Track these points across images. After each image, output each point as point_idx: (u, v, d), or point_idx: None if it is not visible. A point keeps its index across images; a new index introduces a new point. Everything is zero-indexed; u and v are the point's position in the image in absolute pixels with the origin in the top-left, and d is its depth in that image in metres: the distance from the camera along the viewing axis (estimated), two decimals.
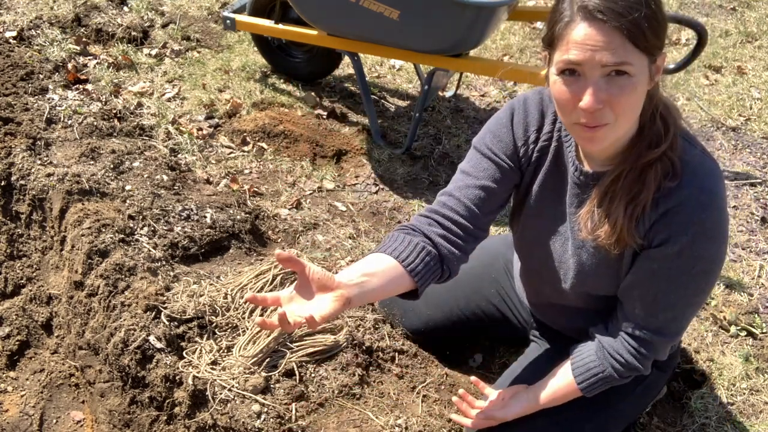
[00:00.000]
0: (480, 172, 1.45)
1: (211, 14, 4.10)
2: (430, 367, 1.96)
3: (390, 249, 1.34)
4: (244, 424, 1.68)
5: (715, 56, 3.87)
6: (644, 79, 1.18)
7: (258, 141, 3.02)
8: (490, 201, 1.45)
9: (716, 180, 1.26)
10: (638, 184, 1.27)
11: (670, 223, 1.26)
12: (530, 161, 1.46)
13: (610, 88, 1.16)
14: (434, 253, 1.38)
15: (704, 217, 1.24)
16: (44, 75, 3.12)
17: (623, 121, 1.22)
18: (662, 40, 1.18)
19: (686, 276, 1.30)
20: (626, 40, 1.13)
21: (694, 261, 1.28)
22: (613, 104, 1.18)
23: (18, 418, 2.21)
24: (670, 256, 1.28)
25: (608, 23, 1.12)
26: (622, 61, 1.14)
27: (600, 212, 1.32)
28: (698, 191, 1.24)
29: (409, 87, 3.59)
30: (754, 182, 2.93)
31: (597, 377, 1.44)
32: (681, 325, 1.39)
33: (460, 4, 2.43)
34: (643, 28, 1.13)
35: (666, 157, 1.25)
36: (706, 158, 1.29)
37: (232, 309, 1.95)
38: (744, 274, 2.47)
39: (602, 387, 1.47)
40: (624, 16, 1.12)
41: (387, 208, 2.72)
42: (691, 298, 1.34)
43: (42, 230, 2.48)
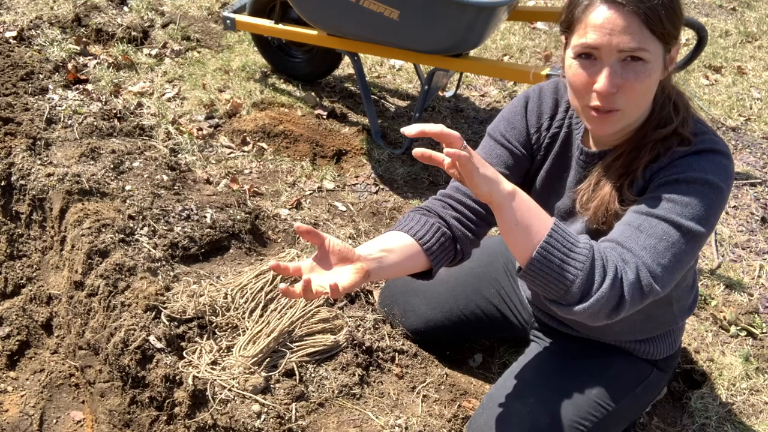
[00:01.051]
0: (493, 158, 1.46)
1: (211, 14, 4.10)
2: (430, 367, 1.96)
3: (407, 228, 1.35)
4: (244, 424, 1.68)
5: (715, 56, 3.87)
6: (658, 66, 1.21)
7: (258, 141, 3.02)
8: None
9: (723, 152, 1.27)
10: (635, 159, 1.30)
11: (671, 167, 1.27)
12: (541, 148, 1.49)
13: (625, 73, 1.19)
14: (448, 234, 1.39)
15: (705, 165, 1.24)
16: (44, 75, 3.12)
17: (634, 107, 1.24)
18: (678, 29, 1.20)
19: (674, 214, 1.22)
20: (644, 26, 1.16)
21: (687, 198, 1.22)
22: (627, 89, 1.20)
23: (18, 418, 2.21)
24: (662, 183, 1.26)
25: (627, 7, 1.15)
26: (639, 46, 1.16)
27: (595, 186, 1.35)
28: (705, 152, 1.26)
29: (409, 87, 3.59)
30: (754, 182, 2.93)
31: (566, 247, 1.18)
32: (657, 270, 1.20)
33: (460, 4, 2.43)
34: (661, 15, 1.15)
35: (676, 134, 1.28)
36: (715, 137, 1.31)
37: (232, 309, 1.95)
38: (744, 274, 2.47)
39: (549, 270, 1.17)
40: (643, 1, 1.15)
41: (387, 208, 2.72)
42: (674, 241, 1.21)
43: (42, 230, 2.48)
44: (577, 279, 1.16)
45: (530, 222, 1.17)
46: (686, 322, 2.22)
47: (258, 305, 1.96)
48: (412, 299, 1.95)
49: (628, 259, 1.20)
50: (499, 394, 1.64)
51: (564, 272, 1.17)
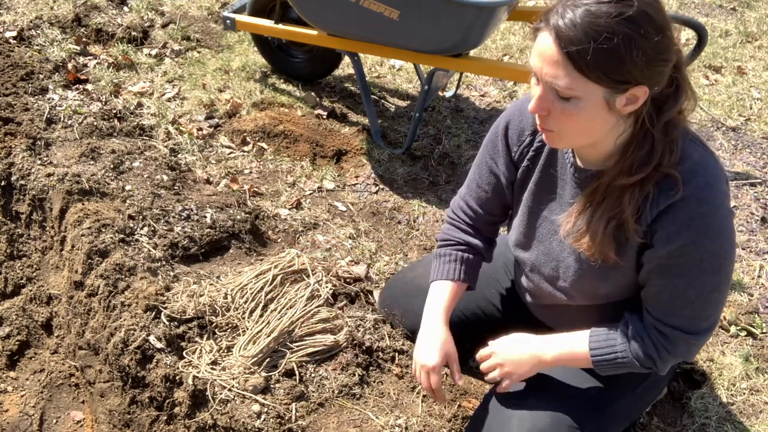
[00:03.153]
0: (484, 183, 1.64)
1: (211, 14, 4.10)
2: None
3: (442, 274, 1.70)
4: (244, 424, 1.68)
5: (715, 56, 3.88)
6: (594, 106, 1.19)
7: (258, 141, 3.02)
8: (503, 203, 1.65)
9: (717, 177, 1.26)
10: (617, 204, 1.29)
11: (671, 219, 1.26)
12: (524, 160, 1.52)
13: (555, 103, 1.21)
14: (470, 257, 1.69)
15: (705, 211, 1.24)
16: (44, 75, 3.12)
17: (570, 135, 1.27)
18: (632, 74, 1.15)
19: (696, 270, 1.29)
20: (571, 66, 1.15)
21: (701, 256, 1.27)
22: (556, 119, 1.24)
23: (18, 418, 2.21)
24: (676, 253, 1.28)
25: (562, 42, 1.14)
26: (564, 84, 1.17)
27: (582, 222, 1.35)
28: (698, 188, 1.24)
29: (409, 87, 3.59)
30: (754, 182, 2.94)
31: (613, 353, 1.42)
32: (702, 324, 1.36)
33: (460, 5, 2.43)
34: (595, 60, 1.13)
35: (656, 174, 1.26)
36: (708, 156, 1.29)
37: (232, 309, 1.95)
38: (744, 274, 2.47)
39: (613, 366, 1.44)
40: (574, 44, 1.13)
41: (387, 208, 2.72)
42: (707, 294, 1.32)
43: (42, 230, 2.48)
44: (634, 365, 1.42)
45: (564, 353, 1.50)
46: None
47: (258, 305, 1.96)
48: (412, 300, 1.95)
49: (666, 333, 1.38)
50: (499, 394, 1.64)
51: (624, 367, 1.44)
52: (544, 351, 1.51)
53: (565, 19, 1.14)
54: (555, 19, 1.16)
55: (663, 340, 1.38)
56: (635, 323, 1.42)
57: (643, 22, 1.12)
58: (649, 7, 1.14)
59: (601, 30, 1.11)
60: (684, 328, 1.36)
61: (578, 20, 1.13)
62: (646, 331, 1.40)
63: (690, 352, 1.41)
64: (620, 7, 1.12)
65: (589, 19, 1.12)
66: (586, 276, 1.45)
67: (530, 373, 1.55)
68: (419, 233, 2.60)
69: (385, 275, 2.33)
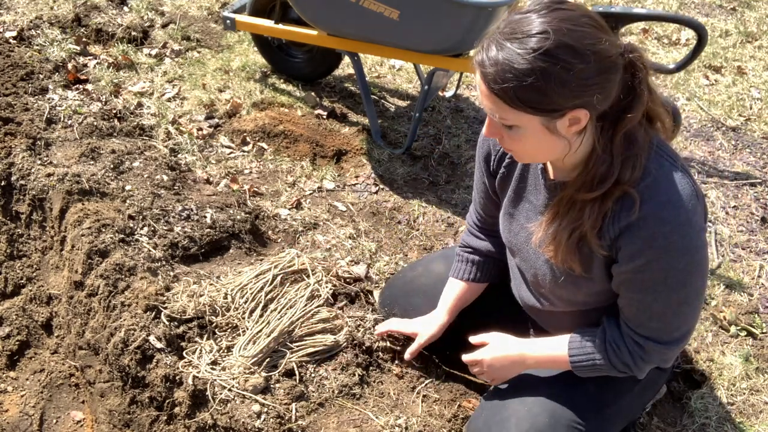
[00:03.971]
0: (481, 192, 1.72)
1: (211, 14, 4.10)
2: (430, 367, 1.96)
3: (457, 274, 1.82)
4: (244, 424, 1.68)
5: (715, 56, 3.88)
6: (536, 132, 1.21)
7: (258, 141, 3.02)
8: (495, 207, 1.68)
9: (680, 192, 1.24)
10: (579, 216, 1.30)
11: (632, 238, 1.26)
12: (501, 167, 1.56)
13: (502, 130, 1.26)
14: (476, 259, 1.79)
15: (667, 230, 1.23)
16: (44, 75, 3.12)
17: (529, 156, 1.32)
18: (558, 103, 1.15)
19: (662, 287, 1.30)
20: (500, 101, 1.18)
21: (665, 273, 1.28)
22: (507, 143, 1.29)
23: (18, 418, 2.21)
24: (640, 269, 1.29)
25: (487, 83, 1.18)
26: (499, 116, 1.22)
27: (550, 230, 1.37)
28: (659, 206, 1.23)
29: (409, 87, 3.59)
30: (754, 182, 2.94)
31: (590, 360, 1.46)
32: (673, 335, 1.38)
33: (460, 5, 2.43)
34: (519, 97, 1.15)
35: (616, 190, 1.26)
36: (672, 169, 1.27)
37: (232, 309, 1.95)
38: (744, 274, 2.47)
39: (591, 371, 1.48)
40: (498, 83, 1.15)
41: (387, 208, 2.72)
42: (675, 307, 1.33)
43: (42, 230, 2.48)
44: (611, 370, 1.45)
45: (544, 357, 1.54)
46: None
47: (258, 305, 1.96)
48: (412, 299, 1.95)
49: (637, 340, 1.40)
50: (498, 394, 1.64)
51: (602, 371, 1.47)
52: (525, 355, 1.56)
53: (489, 55, 1.17)
54: (480, 56, 1.18)
55: (638, 349, 1.40)
56: (613, 330, 1.44)
57: (561, 54, 1.12)
58: (568, 37, 1.12)
59: (519, 67, 1.13)
60: (655, 338, 1.38)
61: (499, 58, 1.15)
62: (623, 339, 1.42)
63: (665, 360, 1.44)
64: (539, 42, 1.12)
65: (508, 57, 1.14)
66: (561, 284, 1.46)
67: (515, 374, 1.62)
68: (419, 233, 2.61)
69: (385, 275, 2.33)
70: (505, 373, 1.61)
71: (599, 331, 1.46)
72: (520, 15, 1.17)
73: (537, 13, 1.16)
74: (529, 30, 1.13)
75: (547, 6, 1.16)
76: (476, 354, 1.64)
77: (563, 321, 1.57)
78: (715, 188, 2.89)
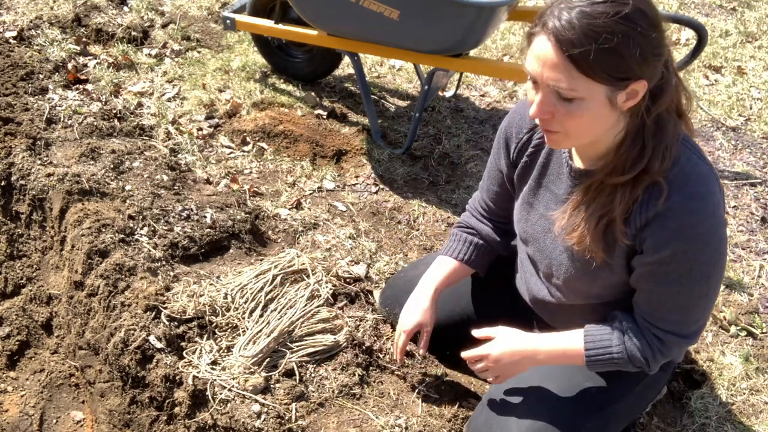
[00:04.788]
0: (492, 179, 1.71)
1: (211, 14, 4.10)
2: (430, 367, 1.96)
3: (450, 251, 1.77)
4: (244, 424, 1.68)
5: (715, 56, 3.88)
6: (598, 105, 1.20)
7: (258, 141, 3.02)
8: (506, 197, 1.70)
9: (708, 185, 1.26)
10: (608, 202, 1.30)
11: (660, 228, 1.27)
12: (523, 157, 1.55)
13: (558, 106, 1.22)
14: (481, 244, 1.76)
15: (694, 221, 1.24)
16: (44, 75, 3.12)
17: (575, 134, 1.27)
18: (632, 70, 1.16)
19: (686, 278, 1.31)
20: (573, 68, 1.16)
21: (690, 264, 1.29)
22: (560, 119, 1.24)
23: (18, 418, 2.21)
24: (665, 260, 1.29)
25: (563, 46, 1.15)
26: (567, 86, 1.18)
27: (575, 218, 1.36)
28: (687, 197, 1.24)
29: (409, 87, 3.59)
30: (754, 182, 2.94)
31: (608, 353, 1.43)
32: (692, 328, 1.39)
33: (460, 4, 2.43)
34: (597, 61, 1.14)
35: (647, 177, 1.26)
36: (699, 163, 1.29)
37: (232, 309, 1.95)
38: (744, 274, 2.47)
39: (606, 364, 1.45)
40: (576, 46, 1.13)
41: (387, 208, 2.72)
42: (696, 300, 1.34)
43: (42, 230, 2.48)
44: (627, 365, 1.43)
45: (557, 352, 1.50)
46: None
47: (258, 305, 1.96)
48: None
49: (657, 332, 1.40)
50: (498, 393, 1.64)
51: (616, 366, 1.45)
52: (537, 349, 1.52)
53: (562, 21, 1.14)
54: (552, 22, 1.16)
55: (658, 343, 1.40)
56: (631, 324, 1.43)
57: (639, 19, 1.14)
58: (643, 4, 1.15)
59: (600, 30, 1.12)
60: (675, 332, 1.38)
61: (576, 22, 1.13)
62: (642, 333, 1.41)
63: (681, 354, 1.48)
64: (616, 6, 1.13)
65: (587, 20, 1.13)
66: (577, 274, 1.46)
67: (522, 370, 1.56)
68: (419, 233, 2.61)
69: (385, 275, 2.33)
70: (513, 368, 1.56)
71: (616, 324, 1.45)
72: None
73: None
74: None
75: None
76: (482, 348, 1.59)
77: (572, 315, 1.57)
78: None
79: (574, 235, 1.36)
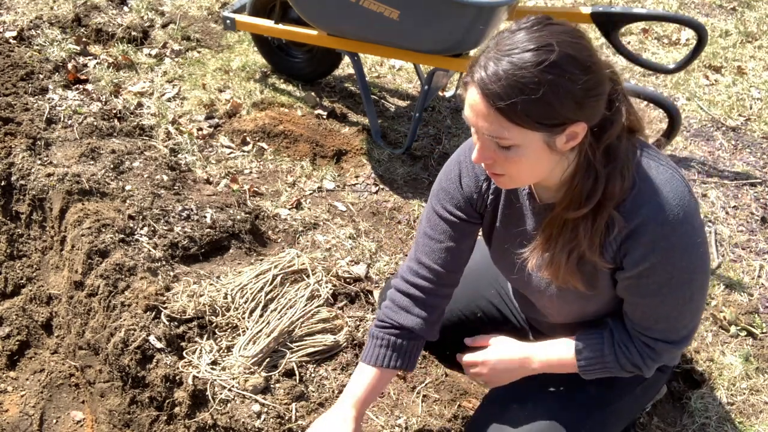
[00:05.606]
0: (440, 234, 1.52)
1: (211, 14, 4.10)
2: (430, 367, 1.96)
3: (370, 360, 1.54)
4: (244, 424, 1.68)
5: (715, 56, 3.87)
6: (536, 150, 1.18)
7: (258, 141, 3.02)
8: (459, 257, 1.55)
9: (674, 190, 1.24)
10: (573, 236, 1.28)
11: (635, 245, 1.26)
12: (486, 205, 1.50)
13: (498, 152, 1.21)
14: (402, 343, 1.55)
15: (667, 231, 1.23)
16: (44, 75, 3.12)
17: (519, 177, 1.27)
18: (565, 116, 1.14)
19: (667, 288, 1.30)
20: (504, 119, 1.14)
21: (669, 275, 1.28)
22: (501, 164, 1.23)
23: (18, 418, 2.21)
24: (644, 273, 1.29)
25: (489, 100, 1.13)
26: (498, 135, 1.17)
27: (545, 255, 1.34)
28: (656, 209, 1.23)
29: (409, 87, 3.59)
30: (754, 182, 2.94)
31: (599, 362, 1.45)
32: (681, 333, 1.39)
33: (460, 4, 2.43)
34: (525, 111, 1.12)
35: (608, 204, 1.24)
36: (661, 168, 1.27)
37: (232, 309, 1.95)
38: (744, 274, 2.47)
39: (599, 372, 1.46)
40: (503, 98, 1.12)
41: (387, 208, 2.72)
42: (681, 306, 1.34)
43: (42, 230, 2.48)
44: (620, 372, 1.45)
45: (552, 360, 1.51)
46: None
47: (258, 305, 1.96)
48: None
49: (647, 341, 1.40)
50: (498, 394, 1.64)
51: (609, 372, 1.46)
52: (531, 359, 1.54)
53: (488, 72, 1.13)
54: (479, 73, 1.14)
55: (648, 350, 1.40)
56: (620, 332, 1.44)
57: (567, 65, 1.11)
58: (571, 48, 1.12)
59: (527, 81, 1.10)
60: (664, 338, 1.38)
61: (502, 74, 1.11)
62: (632, 341, 1.42)
63: (673, 359, 1.47)
64: (542, 54, 1.10)
65: (513, 71, 1.11)
66: (568, 303, 1.46)
67: (517, 378, 1.57)
68: None
69: (385, 275, 2.33)
70: (508, 376, 1.58)
71: (606, 333, 1.46)
72: (513, 32, 1.15)
73: (530, 29, 1.14)
74: (528, 44, 1.12)
75: (539, 22, 1.15)
76: (479, 354, 1.61)
77: (568, 329, 1.57)
78: (715, 188, 2.89)
79: (548, 272, 1.36)
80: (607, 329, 1.47)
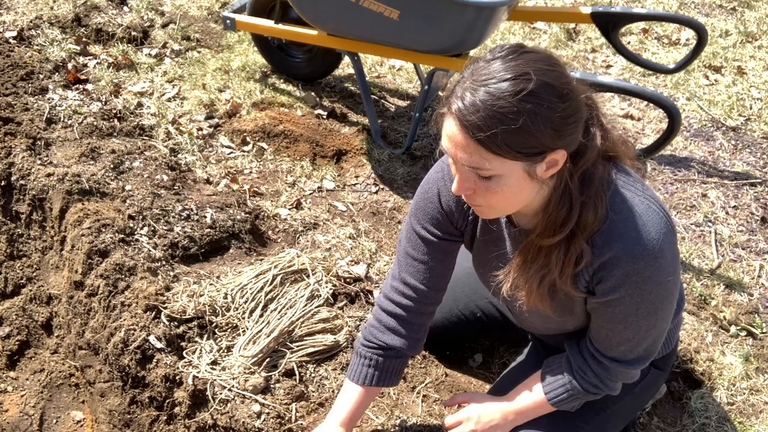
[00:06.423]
0: (423, 255, 1.52)
1: (211, 14, 4.10)
2: (430, 367, 1.96)
3: (355, 377, 1.57)
4: (244, 424, 1.68)
5: (715, 56, 3.87)
6: (517, 179, 1.17)
7: (258, 141, 3.02)
8: (442, 275, 1.55)
9: (649, 222, 1.23)
10: (546, 263, 1.28)
11: (608, 276, 1.25)
12: (467, 223, 1.49)
13: (478, 183, 1.20)
14: (386, 363, 1.56)
15: (640, 266, 1.23)
16: (44, 75, 3.12)
17: (499, 206, 1.25)
18: (545, 144, 1.13)
19: (633, 317, 1.31)
20: (483, 150, 1.12)
21: (638, 305, 1.28)
22: (482, 196, 1.22)
23: (18, 418, 2.21)
24: (613, 303, 1.29)
25: (467, 131, 1.12)
26: (477, 166, 1.15)
27: (518, 279, 1.34)
28: (629, 243, 1.22)
29: (409, 87, 3.59)
30: (754, 182, 2.94)
31: (566, 391, 1.47)
32: (641, 355, 1.40)
33: (460, 4, 2.43)
34: (505, 141, 1.10)
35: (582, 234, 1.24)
36: (639, 202, 1.25)
37: (232, 309, 1.95)
38: (744, 274, 2.47)
39: (573, 401, 1.49)
40: (482, 129, 1.10)
41: (387, 208, 2.72)
42: (645, 333, 1.35)
43: (42, 230, 2.48)
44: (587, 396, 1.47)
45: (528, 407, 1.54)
46: (686, 321, 2.22)
47: (258, 305, 1.96)
48: None
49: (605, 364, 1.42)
50: (498, 393, 1.64)
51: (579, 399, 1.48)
52: (507, 414, 1.56)
53: (466, 103, 1.11)
54: (456, 104, 1.13)
55: (602, 371, 1.42)
56: (576, 357, 1.45)
57: (544, 94, 1.10)
58: (547, 76, 1.11)
59: (505, 111, 1.09)
60: (620, 359, 1.39)
61: (480, 104, 1.10)
62: (587, 363, 1.43)
63: (630, 378, 1.46)
64: (519, 83, 1.09)
65: (491, 102, 1.09)
66: (547, 320, 1.47)
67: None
68: None
69: (385, 275, 2.33)
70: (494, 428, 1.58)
71: (564, 362, 1.48)
72: (488, 61, 1.14)
73: (505, 58, 1.13)
74: (505, 74, 1.10)
75: (514, 51, 1.14)
76: (461, 413, 1.63)
77: (561, 335, 1.58)
78: (715, 188, 2.89)
79: (521, 296, 1.36)
80: (564, 358, 1.49)
